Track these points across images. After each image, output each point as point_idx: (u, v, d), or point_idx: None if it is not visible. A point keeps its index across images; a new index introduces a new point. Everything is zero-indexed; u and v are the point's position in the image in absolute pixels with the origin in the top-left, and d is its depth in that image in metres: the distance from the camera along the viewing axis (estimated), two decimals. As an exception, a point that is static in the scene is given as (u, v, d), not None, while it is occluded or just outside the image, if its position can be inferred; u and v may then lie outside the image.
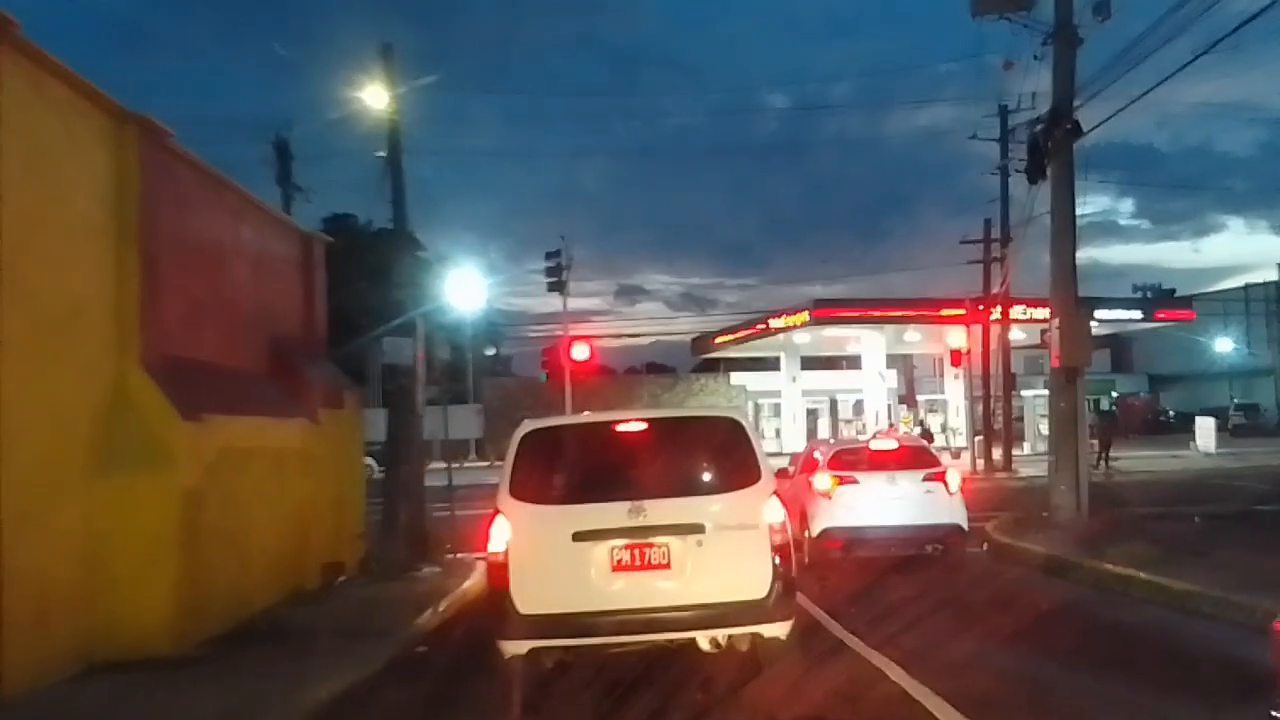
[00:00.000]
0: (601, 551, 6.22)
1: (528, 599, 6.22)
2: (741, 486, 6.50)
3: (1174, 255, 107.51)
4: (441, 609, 9.86)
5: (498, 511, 6.43)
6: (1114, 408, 51.12)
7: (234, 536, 9.20)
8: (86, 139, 7.89)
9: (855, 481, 12.49)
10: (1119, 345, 62.16)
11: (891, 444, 13.66)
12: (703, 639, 6.44)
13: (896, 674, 6.89)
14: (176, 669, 7.45)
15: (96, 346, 7.90)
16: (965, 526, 12.32)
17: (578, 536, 6.24)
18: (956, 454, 34.68)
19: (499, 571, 6.30)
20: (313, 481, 11.24)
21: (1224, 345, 60.28)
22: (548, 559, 6.31)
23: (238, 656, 7.93)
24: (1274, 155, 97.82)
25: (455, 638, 8.64)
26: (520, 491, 6.49)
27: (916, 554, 12.11)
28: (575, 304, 34.93)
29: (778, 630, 6.36)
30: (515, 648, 6.30)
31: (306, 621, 9.25)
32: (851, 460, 13.06)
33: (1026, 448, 37.26)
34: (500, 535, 6.35)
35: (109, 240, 8.08)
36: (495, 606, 6.33)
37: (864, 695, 6.49)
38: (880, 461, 12.95)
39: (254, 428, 9.81)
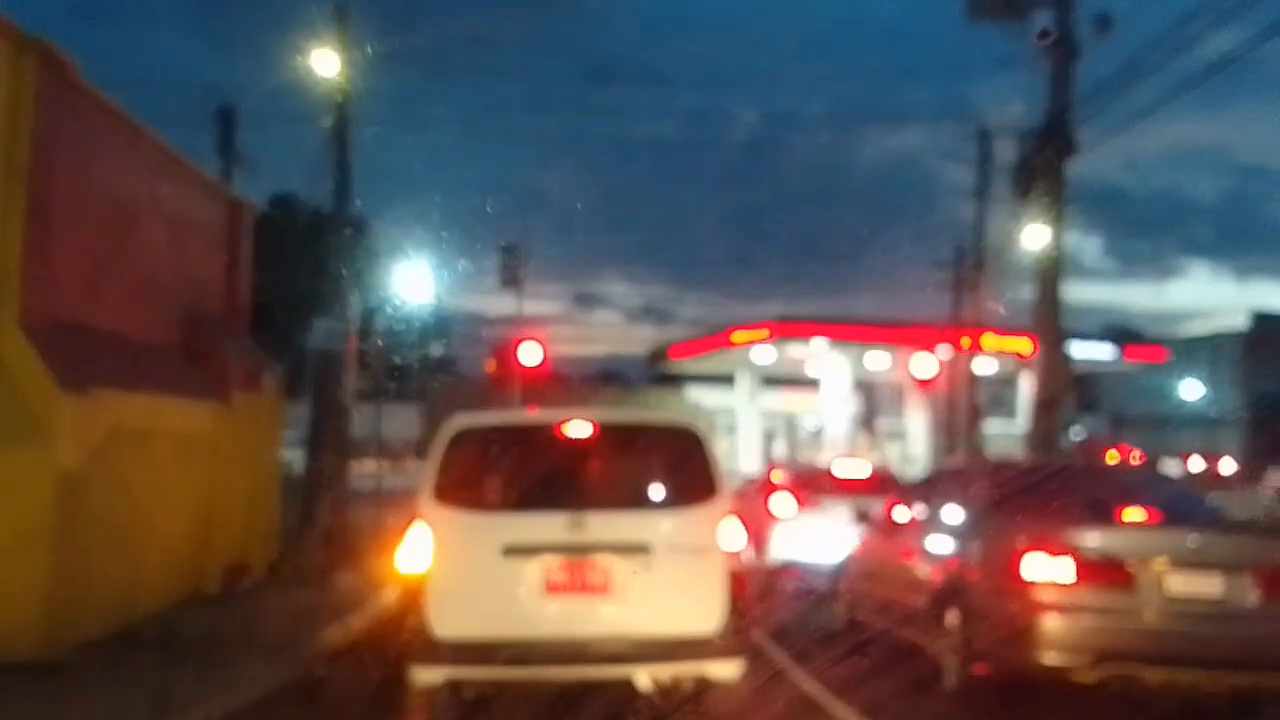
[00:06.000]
0: (534, 569, 5.44)
1: (446, 619, 5.41)
2: (696, 503, 5.73)
3: (1137, 297, 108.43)
4: (353, 623, 8.80)
5: (417, 516, 5.62)
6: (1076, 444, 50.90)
7: (123, 529, 8.08)
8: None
9: (818, 507, 11.65)
10: (1085, 384, 62.19)
11: (857, 469, 12.87)
12: (641, 676, 5.60)
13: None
14: (36, 677, 6.42)
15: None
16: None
17: (508, 550, 5.45)
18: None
19: (414, 586, 5.49)
20: (221, 472, 10.08)
21: (1191, 392, 60.49)
22: (472, 575, 5.54)
23: (111, 666, 6.90)
24: (1240, 203, 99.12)
25: (364, 659, 7.56)
26: (445, 495, 5.66)
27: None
28: (531, 308, 33.84)
29: (727, 671, 5.56)
30: (428, 676, 5.46)
31: (198, 630, 8.14)
32: (814, 484, 12.24)
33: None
34: (419, 545, 5.52)
35: (-10, 179, 7.00)
36: (407, 627, 5.51)
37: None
38: (845, 488, 12.12)
39: (154, 407, 8.69)
